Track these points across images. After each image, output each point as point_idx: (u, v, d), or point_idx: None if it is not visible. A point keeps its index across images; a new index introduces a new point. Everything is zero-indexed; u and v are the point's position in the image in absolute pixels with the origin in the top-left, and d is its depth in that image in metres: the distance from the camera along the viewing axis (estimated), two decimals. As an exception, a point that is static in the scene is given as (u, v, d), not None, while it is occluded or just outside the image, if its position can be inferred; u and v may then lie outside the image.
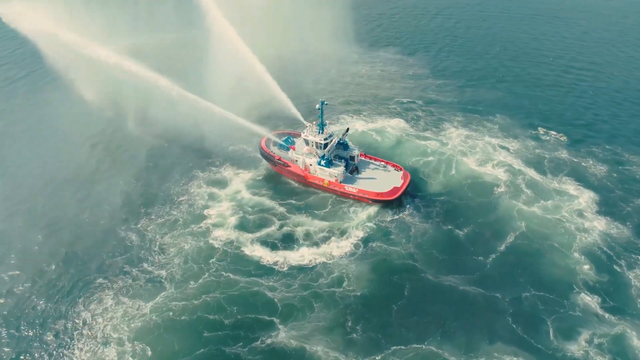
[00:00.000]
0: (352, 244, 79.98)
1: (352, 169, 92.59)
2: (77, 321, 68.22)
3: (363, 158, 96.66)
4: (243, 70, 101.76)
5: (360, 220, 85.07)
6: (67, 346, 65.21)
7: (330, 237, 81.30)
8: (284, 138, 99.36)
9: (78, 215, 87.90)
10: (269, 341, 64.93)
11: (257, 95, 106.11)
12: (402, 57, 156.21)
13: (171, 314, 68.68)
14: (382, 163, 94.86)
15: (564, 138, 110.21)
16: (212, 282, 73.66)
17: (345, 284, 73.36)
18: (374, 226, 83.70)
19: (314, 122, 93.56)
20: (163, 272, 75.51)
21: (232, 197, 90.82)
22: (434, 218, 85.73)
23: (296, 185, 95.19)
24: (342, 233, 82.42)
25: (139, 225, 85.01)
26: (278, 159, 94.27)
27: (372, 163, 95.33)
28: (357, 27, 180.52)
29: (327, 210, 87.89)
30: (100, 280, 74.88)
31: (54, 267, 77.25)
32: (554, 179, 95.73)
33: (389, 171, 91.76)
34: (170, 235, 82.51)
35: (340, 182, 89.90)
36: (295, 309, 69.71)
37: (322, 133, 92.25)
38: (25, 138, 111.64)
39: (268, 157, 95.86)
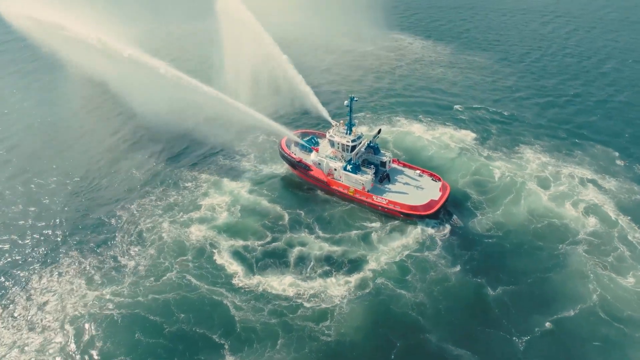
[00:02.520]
0: (357, 281, 62.98)
1: (382, 177, 77.06)
2: (22, 288, 63.39)
3: (395, 165, 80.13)
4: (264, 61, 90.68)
5: (387, 251, 67.16)
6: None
7: (332, 270, 64.55)
8: (307, 138, 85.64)
9: (79, 184, 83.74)
10: (205, 369, 52.41)
11: (279, 89, 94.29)
12: (491, 62, 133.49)
13: (111, 306, 59.86)
14: (418, 171, 77.87)
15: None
16: (172, 283, 62.91)
17: (326, 322, 57.63)
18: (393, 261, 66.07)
19: (342, 121, 78.53)
20: (131, 263, 66.41)
21: (235, 193, 79.38)
22: (466, 262, 65.46)
23: (320, 192, 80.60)
24: (354, 267, 65.00)
25: (133, 205, 77.59)
26: (299, 161, 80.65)
27: (405, 171, 78.87)
28: (451, 27, 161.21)
29: (342, 231, 71.26)
30: (73, 253, 68.99)
31: (34, 229, 73.53)
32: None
33: (425, 181, 76.74)
34: (157, 221, 73.74)
35: (368, 191, 74.50)
36: (256, 337, 56.07)
37: (350, 134, 76.97)
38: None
39: (288, 159, 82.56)
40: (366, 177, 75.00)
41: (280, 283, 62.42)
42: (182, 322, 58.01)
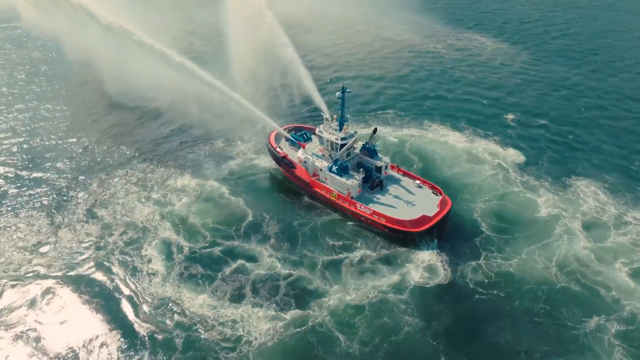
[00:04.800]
0: (294, 318, 49.41)
1: (375, 183, 64.75)
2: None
3: (394, 172, 67.23)
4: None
5: (354, 289, 52.41)
6: None
7: (269, 300, 51.21)
8: (299, 133, 73.58)
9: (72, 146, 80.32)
10: None
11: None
12: (573, 74, 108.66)
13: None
14: (417, 182, 64.80)
15: None
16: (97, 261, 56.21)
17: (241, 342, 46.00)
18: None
19: (335, 116, 65.46)
20: (68, 235, 60.38)
21: (208, 181, 69.99)
22: (434, 317, 49.10)
23: (307, 197, 68.03)
24: (300, 300, 51.21)
25: (103, 176, 72.25)
26: (283, 157, 69.19)
27: (403, 180, 66.41)
28: (539, 31, 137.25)
29: (309, 250, 57.81)
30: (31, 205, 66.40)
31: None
32: None
33: (423, 193, 63.64)
34: (116, 196, 67.68)
35: (353, 198, 61.63)
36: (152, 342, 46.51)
37: (341, 130, 63.58)
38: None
39: (272, 153, 71.34)
40: (352, 182, 62.35)
41: (193, 302, 51.16)
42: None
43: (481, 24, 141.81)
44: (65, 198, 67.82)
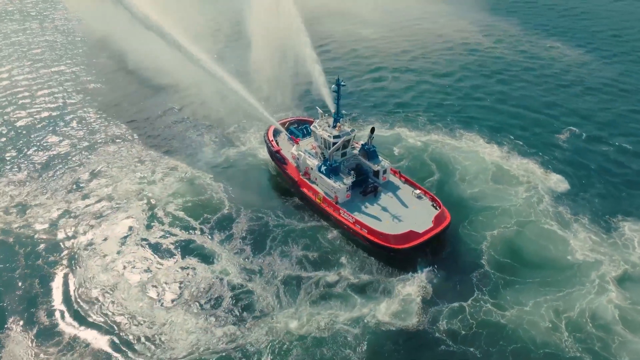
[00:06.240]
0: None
1: (369, 189, 57.09)
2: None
3: (396, 178, 59.64)
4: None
5: (307, 317, 44.36)
6: None
7: (204, 308, 45.37)
8: (300, 127, 66.80)
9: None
10: None
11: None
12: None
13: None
14: (418, 191, 56.34)
15: None
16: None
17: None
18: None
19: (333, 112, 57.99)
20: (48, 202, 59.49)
21: (192, 167, 65.83)
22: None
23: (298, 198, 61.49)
24: (252, 314, 44.82)
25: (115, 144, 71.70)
26: (276, 152, 62.91)
27: (403, 188, 58.22)
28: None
29: (273, 258, 50.97)
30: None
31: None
32: None
33: (421, 205, 55.06)
34: (112, 165, 66.78)
35: (338, 203, 54.43)
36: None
37: (334, 127, 55.95)
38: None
39: (267, 146, 65.38)
40: (339, 185, 54.62)
41: (124, 294, 46.65)
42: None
43: (569, 30, 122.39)
44: (59, 161, 67.93)
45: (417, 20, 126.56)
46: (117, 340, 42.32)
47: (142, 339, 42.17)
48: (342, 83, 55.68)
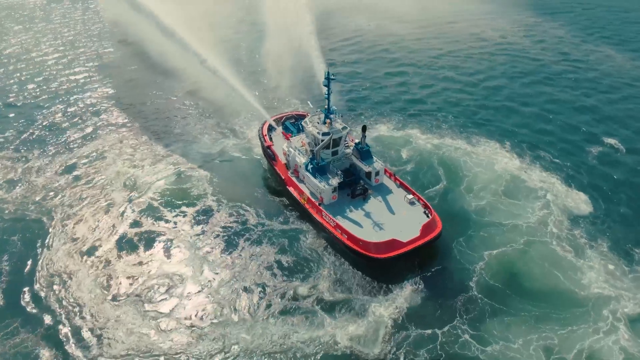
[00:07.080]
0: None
1: (359, 192, 52.52)
2: None
3: (390, 181, 54.71)
4: None
5: (262, 334, 40.12)
6: None
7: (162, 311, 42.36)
8: (296, 122, 62.60)
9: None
10: None
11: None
12: None
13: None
14: (411, 196, 51.63)
15: None
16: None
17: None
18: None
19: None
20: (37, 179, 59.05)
21: (184, 155, 63.47)
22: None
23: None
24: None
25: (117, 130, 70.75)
26: (268, 147, 59.29)
27: (397, 192, 53.26)
28: None
29: (244, 261, 47.68)
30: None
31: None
32: None
33: (411, 211, 50.08)
34: (110, 149, 65.77)
35: (321, 205, 50.49)
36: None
37: (324, 123, 51.62)
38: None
39: (260, 141, 61.81)
40: (324, 185, 50.18)
41: (78, 287, 44.37)
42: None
43: (621, 34, 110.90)
44: (61, 140, 68.01)
45: (452, 18, 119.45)
46: (62, 330, 40.24)
47: (84, 332, 39.83)
48: (332, 77, 51.07)
